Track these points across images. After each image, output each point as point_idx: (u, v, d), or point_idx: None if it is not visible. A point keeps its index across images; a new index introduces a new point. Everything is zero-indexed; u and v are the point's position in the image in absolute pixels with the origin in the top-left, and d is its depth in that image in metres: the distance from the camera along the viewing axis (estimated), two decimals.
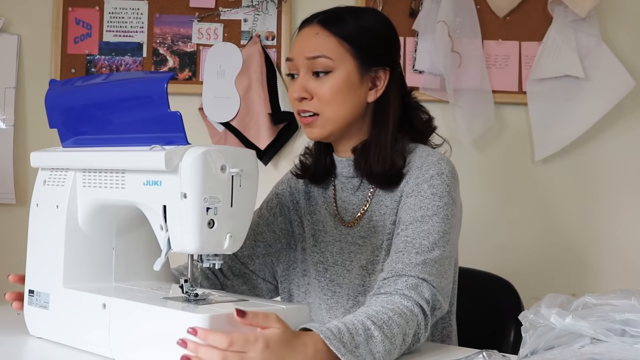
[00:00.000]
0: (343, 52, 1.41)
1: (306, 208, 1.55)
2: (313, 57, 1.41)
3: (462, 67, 2.52)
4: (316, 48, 1.41)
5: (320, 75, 1.41)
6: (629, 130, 2.59)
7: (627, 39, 2.57)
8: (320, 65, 1.40)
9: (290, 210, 1.57)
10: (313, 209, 1.54)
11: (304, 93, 1.42)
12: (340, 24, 1.43)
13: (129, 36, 2.58)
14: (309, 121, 1.43)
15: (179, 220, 1.07)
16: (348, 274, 1.45)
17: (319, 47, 1.41)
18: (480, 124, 2.53)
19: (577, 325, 0.99)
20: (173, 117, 1.09)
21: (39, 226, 1.27)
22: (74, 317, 1.18)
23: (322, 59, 1.40)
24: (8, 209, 2.57)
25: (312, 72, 1.41)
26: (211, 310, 1.04)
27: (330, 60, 1.40)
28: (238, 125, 2.54)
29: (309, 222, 1.54)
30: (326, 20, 1.43)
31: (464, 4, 2.52)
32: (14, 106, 2.56)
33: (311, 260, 1.51)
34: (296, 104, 1.44)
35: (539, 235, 2.60)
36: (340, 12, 1.45)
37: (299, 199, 1.57)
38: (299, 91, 1.42)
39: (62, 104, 1.27)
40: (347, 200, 1.49)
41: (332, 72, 1.41)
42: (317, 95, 1.41)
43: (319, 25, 1.43)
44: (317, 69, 1.41)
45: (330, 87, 1.40)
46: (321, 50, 1.41)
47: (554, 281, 2.56)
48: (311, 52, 1.41)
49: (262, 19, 2.58)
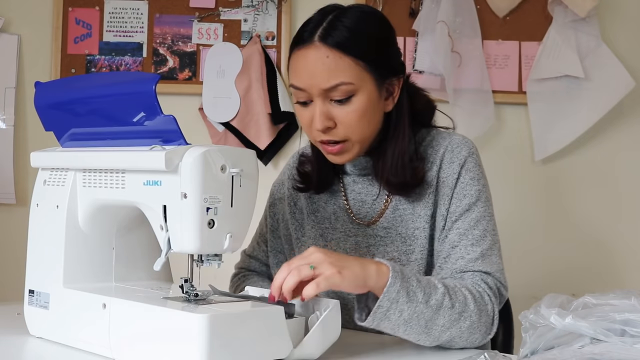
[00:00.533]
0: (360, 72, 1.29)
1: (309, 208, 1.50)
2: (331, 88, 1.28)
3: (462, 67, 2.53)
4: (331, 76, 1.28)
5: (342, 101, 1.29)
6: (629, 130, 2.59)
7: (627, 39, 2.57)
8: (341, 92, 1.28)
9: (289, 215, 1.52)
10: (317, 207, 1.49)
11: (329, 122, 1.30)
12: (347, 39, 1.29)
13: (129, 36, 2.58)
14: (337, 149, 1.33)
15: (179, 220, 1.07)
16: None
17: (335, 74, 1.28)
18: (480, 124, 2.53)
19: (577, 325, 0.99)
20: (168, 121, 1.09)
21: (39, 226, 1.27)
22: (74, 317, 1.18)
23: (342, 86, 1.28)
24: (8, 209, 2.57)
25: (331, 99, 1.30)
26: (211, 310, 1.04)
27: (351, 85, 1.28)
28: (238, 125, 2.54)
29: (314, 222, 1.48)
30: (329, 36, 1.28)
31: (464, 4, 2.52)
32: (14, 106, 2.56)
33: None
34: (318, 134, 1.32)
35: (539, 235, 2.60)
36: (337, 22, 1.30)
37: (297, 200, 1.52)
38: (323, 121, 1.30)
39: (53, 106, 1.27)
40: (362, 192, 1.44)
41: (354, 95, 1.29)
42: (342, 122, 1.31)
43: (325, 46, 1.28)
44: (337, 97, 1.29)
45: (355, 111, 1.30)
46: (338, 77, 1.28)
47: (554, 281, 2.56)
48: (327, 82, 1.28)
49: (262, 19, 2.58)
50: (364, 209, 1.44)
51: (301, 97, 1.32)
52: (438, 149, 1.40)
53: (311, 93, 1.30)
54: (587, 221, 2.60)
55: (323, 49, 1.28)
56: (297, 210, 1.51)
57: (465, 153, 1.39)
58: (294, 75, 1.32)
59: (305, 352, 1.09)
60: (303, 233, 1.50)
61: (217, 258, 1.12)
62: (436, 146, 1.41)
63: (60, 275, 1.20)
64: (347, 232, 1.45)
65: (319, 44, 1.28)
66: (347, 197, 1.47)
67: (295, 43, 1.33)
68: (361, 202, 1.45)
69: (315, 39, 1.29)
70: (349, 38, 1.29)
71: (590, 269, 2.58)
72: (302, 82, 1.30)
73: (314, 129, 1.32)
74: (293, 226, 1.51)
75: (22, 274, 1.28)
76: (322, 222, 1.48)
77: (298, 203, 1.52)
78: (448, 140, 1.41)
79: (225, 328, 1.01)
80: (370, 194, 1.44)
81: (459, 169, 1.37)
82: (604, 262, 2.59)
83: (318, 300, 1.17)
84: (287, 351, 1.07)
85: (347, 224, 1.45)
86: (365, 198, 1.44)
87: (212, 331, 0.99)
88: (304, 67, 1.30)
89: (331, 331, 1.13)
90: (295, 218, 1.51)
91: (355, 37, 1.29)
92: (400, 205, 1.41)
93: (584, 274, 2.58)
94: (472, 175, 1.37)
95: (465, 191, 1.36)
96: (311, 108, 1.32)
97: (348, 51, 1.28)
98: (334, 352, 1.15)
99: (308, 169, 1.48)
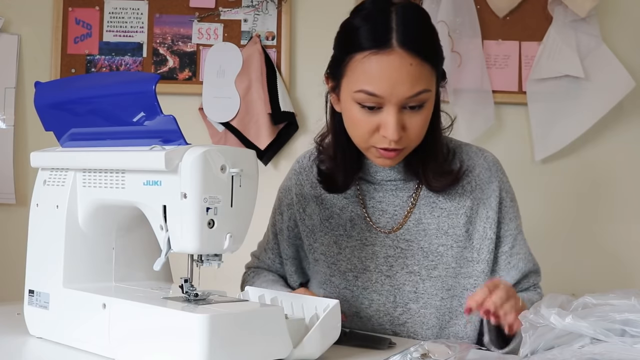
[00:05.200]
0: (433, 77, 1.27)
1: (322, 214, 1.46)
2: (414, 95, 1.24)
3: (462, 67, 2.53)
4: (415, 84, 1.23)
5: (415, 108, 1.26)
6: (629, 130, 2.59)
7: (627, 39, 2.57)
8: (419, 100, 1.25)
9: (299, 221, 1.49)
10: (330, 214, 1.45)
11: (402, 132, 1.26)
12: (424, 42, 1.25)
13: (129, 36, 2.58)
14: (395, 155, 1.30)
15: (179, 220, 1.07)
16: (389, 280, 1.39)
17: (419, 82, 1.23)
18: (480, 124, 2.53)
19: (577, 325, 0.99)
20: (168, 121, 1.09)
21: (39, 226, 1.27)
22: (74, 317, 1.18)
23: (423, 94, 1.24)
24: (8, 209, 2.57)
25: (406, 106, 1.25)
26: (211, 310, 1.04)
27: (429, 92, 1.25)
28: (238, 125, 2.54)
29: (328, 228, 1.45)
30: (409, 42, 1.23)
31: (464, 4, 2.52)
32: (14, 106, 2.56)
33: (337, 270, 1.43)
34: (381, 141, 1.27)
35: (539, 235, 2.60)
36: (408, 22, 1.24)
37: (305, 206, 1.48)
38: (399, 131, 1.25)
39: (53, 106, 1.27)
40: (383, 201, 1.42)
41: (427, 102, 1.27)
42: (412, 129, 1.27)
43: (407, 52, 1.22)
44: (415, 103, 1.25)
45: (425, 118, 1.28)
46: (421, 84, 1.23)
47: (554, 281, 2.56)
48: (411, 90, 1.23)
49: (262, 19, 2.58)
50: (384, 218, 1.42)
51: (372, 103, 1.25)
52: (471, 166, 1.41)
53: (388, 101, 1.24)
54: (587, 221, 2.60)
55: (406, 56, 1.22)
56: (306, 217, 1.48)
57: (501, 175, 1.43)
58: (369, 81, 1.24)
59: (305, 352, 1.09)
60: (315, 239, 1.47)
61: (217, 258, 1.12)
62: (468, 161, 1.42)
63: (60, 275, 1.20)
64: (363, 240, 1.42)
65: (400, 51, 1.22)
66: (365, 204, 1.43)
67: (367, 44, 1.24)
68: (381, 210, 1.42)
69: (394, 44, 1.22)
70: (425, 42, 1.25)
71: (590, 269, 2.58)
72: (380, 90, 1.23)
73: (385, 137, 1.26)
74: (304, 232, 1.48)
75: (22, 274, 1.28)
76: (337, 229, 1.44)
77: (307, 209, 1.48)
78: (482, 158, 1.43)
79: (225, 328, 1.01)
80: (392, 204, 1.41)
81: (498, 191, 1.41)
82: (604, 262, 2.59)
83: (318, 300, 1.17)
84: (287, 351, 1.07)
85: (365, 232, 1.42)
86: (387, 207, 1.42)
87: (212, 331, 0.99)
88: (385, 74, 1.23)
89: (331, 331, 1.13)
90: (306, 224, 1.48)
91: (429, 41, 1.26)
92: (424, 219, 1.39)
93: (584, 274, 2.58)
94: (512, 196, 1.44)
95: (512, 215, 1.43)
96: (381, 115, 1.26)
97: (427, 58, 1.24)
98: (334, 352, 1.15)
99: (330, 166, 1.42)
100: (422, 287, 1.37)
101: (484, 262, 1.38)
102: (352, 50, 1.26)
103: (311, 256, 1.48)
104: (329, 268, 1.44)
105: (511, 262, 1.41)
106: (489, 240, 1.38)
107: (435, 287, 1.37)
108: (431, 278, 1.37)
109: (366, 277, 1.40)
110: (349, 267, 1.42)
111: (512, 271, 1.41)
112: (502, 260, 1.41)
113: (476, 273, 1.38)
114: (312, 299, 1.19)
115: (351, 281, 1.41)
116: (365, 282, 1.40)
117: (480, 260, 1.38)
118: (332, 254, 1.44)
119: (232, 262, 1.59)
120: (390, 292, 1.39)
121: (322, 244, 1.45)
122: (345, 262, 1.42)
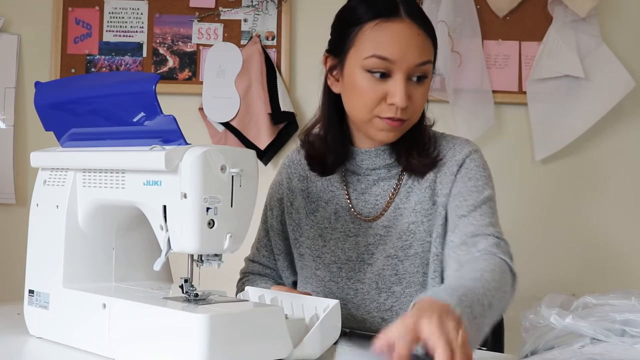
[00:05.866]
0: (433, 53, 1.35)
1: (307, 208, 1.49)
2: (421, 64, 1.31)
3: (462, 67, 2.53)
4: (423, 53, 1.31)
5: (419, 80, 1.32)
6: (629, 131, 2.59)
7: (627, 39, 2.57)
8: (423, 71, 1.32)
9: (286, 215, 1.52)
10: (316, 207, 1.48)
11: (409, 101, 1.32)
12: (426, 19, 1.34)
13: (129, 36, 2.58)
14: (399, 125, 1.34)
15: (179, 220, 1.07)
16: (370, 267, 1.41)
17: (425, 51, 1.32)
18: (480, 124, 2.53)
19: (577, 325, 0.99)
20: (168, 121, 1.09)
21: (39, 226, 1.27)
22: (74, 317, 1.18)
23: (427, 64, 1.32)
24: (8, 209, 2.57)
25: (412, 76, 1.32)
26: (211, 310, 1.04)
27: (431, 64, 1.34)
28: (238, 125, 2.54)
29: (313, 222, 1.48)
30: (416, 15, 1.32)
31: (464, 4, 2.52)
32: (14, 106, 2.56)
33: (322, 262, 1.45)
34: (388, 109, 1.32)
35: (539, 235, 2.60)
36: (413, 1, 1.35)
37: (293, 200, 1.51)
38: (406, 99, 1.30)
39: (53, 106, 1.27)
40: (366, 192, 1.44)
41: (427, 76, 1.34)
42: (415, 101, 1.33)
43: (414, 23, 1.31)
44: (419, 73, 1.32)
45: (426, 91, 1.35)
46: (427, 55, 1.32)
47: (554, 281, 2.56)
48: (419, 57, 1.31)
49: (262, 19, 2.58)
50: (367, 207, 1.44)
51: (382, 68, 1.30)
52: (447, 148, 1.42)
53: (399, 67, 1.30)
54: (587, 221, 2.60)
55: (414, 26, 1.31)
56: (293, 211, 1.51)
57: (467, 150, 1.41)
58: (381, 46, 1.30)
59: (305, 352, 1.09)
60: (301, 233, 1.49)
61: (217, 258, 1.12)
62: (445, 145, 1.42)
63: (60, 275, 1.20)
64: (346, 232, 1.44)
65: (408, 20, 1.31)
66: (349, 195, 1.46)
67: (376, 14, 1.32)
68: (364, 201, 1.44)
69: (402, 14, 1.31)
70: (427, 18, 1.34)
71: (590, 269, 2.58)
72: (393, 54, 1.29)
73: (392, 105, 1.31)
74: (290, 227, 1.51)
75: (22, 274, 1.28)
76: (322, 222, 1.47)
77: (294, 203, 1.51)
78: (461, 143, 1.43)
79: (225, 328, 1.01)
80: (374, 194, 1.44)
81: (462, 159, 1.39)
82: (604, 262, 2.59)
83: (318, 300, 1.17)
84: (287, 351, 1.07)
85: (348, 223, 1.44)
86: (369, 198, 1.44)
87: (212, 331, 0.99)
88: (397, 40, 1.30)
89: (331, 331, 1.13)
90: (292, 218, 1.51)
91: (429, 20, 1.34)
92: (401, 204, 1.41)
93: (584, 274, 2.58)
94: (477, 163, 1.39)
95: (471, 174, 1.37)
96: (389, 83, 1.31)
97: (429, 32, 1.33)
98: (334, 352, 1.15)
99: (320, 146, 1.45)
100: (402, 268, 1.39)
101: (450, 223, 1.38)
102: (361, 21, 1.33)
103: (297, 251, 1.50)
104: (314, 261, 1.46)
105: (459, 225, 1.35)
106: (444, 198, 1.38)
107: (414, 264, 1.38)
108: (408, 257, 1.39)
109: (349, 267, 1.42)
110: (333, 259, 1.44)
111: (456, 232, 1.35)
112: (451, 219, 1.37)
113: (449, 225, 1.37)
114: (312, 299, 1.19)
115: (335, 273, 1.43)
116: (349, 272, 1.42)
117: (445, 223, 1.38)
118: (317, 247, 1.46)
119: (232, 262, 1.59)
120: (372, 279, 1.40)
121: (307, 237, 1.48)
122: (330, 255, 1.44)
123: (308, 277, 1.48)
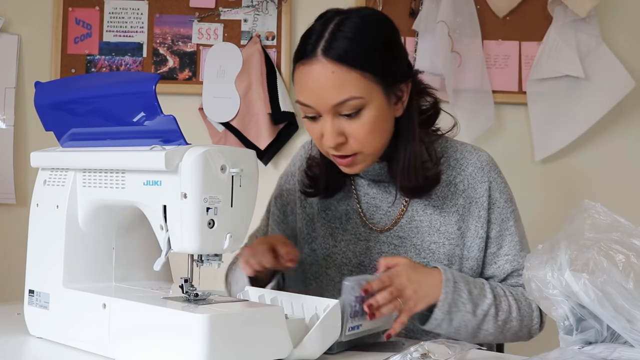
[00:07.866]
0: (368, 84, 1.25)
1: (320, 204, 1.46)
2: (339, 103, 1.24)
3: (462, 67, 2.53)
4: (339, 92, 1.24)
5: (352, 115, 1.26)
6: (629, 131, 2.59)
7: (627, 39, 2.57)
8: (350, 107, 1.25)
9: (299, 208, 1.49)
10: (328, 205, 1.46)
11: (340, 138, 1.27)
12: (351, 51, 1.24)
13: (129, 36, 2.58)
14: (349, 162, 1.30)
15: (179, 220, 1.07)
16: None
17: (342, 89, 1.23)
18: (480, 124, 2.53)
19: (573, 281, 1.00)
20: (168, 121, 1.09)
21: (39, 226, 1.27)
22: (74, 317, 1.18)
23: (351, 101, 1.24)
24: (8, 209, 2.57)
25: (340, 113, 1.26)
26: (211, 310, 1.04)
27: (360, 98, 1.24)
28: (238, 125, 2.54)
29: (324, 219, 1.46)
30: (332, 49, 1.24)
31: (464, 4, 2.52)
32: (14, 106, 2.56)
33: (333, 263, 1.44)
34: (329, 149, 1.30)
35: (539, 235, 2.60)
36: (338, 32, 1.25)
37: None
38: (334, 138, 1.26)
39: (53, 106, 1.27)
40: (377, 197, 1.43)
41: (364, 108, 1.26)
42: (353, 136, 1.27)
43: (329, 60, 1.23)
44: (347, 111, 1.25)
45: (366, 124, 1.26)
46: (346, 92, 1.24)
47: None
48: (336, 97, 1.24)
49: (262, 19, 2.58)
50: (378, 214, 1.43)
51: (309, 112, 1.28)
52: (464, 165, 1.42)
53: (319, 110, 1.26)
54: None
55: (328, 64, 1.23)
56: (307, 205, 1.49)
57: (494, 174, 1.43)
58: (300, 92, 1.28)
59: (305, 352, 1.09)
60: (314, 229, 1.48)
61: (217, 258, 1.12)
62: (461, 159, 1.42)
63: (60, 275, 1.20)
64: (357, 235, 1.43)
65: (322, 59, 1.24)
66: (359, 200, 1.45)
67: (298, 57, 1.28)
68: (375, 207, 1.43)
69: (318, 54, 1.24)
70: (352, 50, 1.24)
71: None
72: (309, 99, 1.26)
73: (319, 140, 1.30)
74: (304, 220, 1.49)
75: (22, 274, 1.28)
76: (333, 221, 1.45)
77: (310, 198, 1.49)
78: (476, 157, 1.43)
79: (225, 328, 1.01)
80: (386, 201, 1.43)
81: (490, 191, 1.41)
82: None
83: (318, 300, 1.17)
84: (287, 351, 1.07)
85: (359, 227, 1.43)
86: (380, 204, 1.43)
87: (212, 331, 0.99)
88: (310, 84, 1.26)
89: (331, 331, 1.13)
90: (306, 212, 1.49)
91: (359, 48, 1.25)
92: (417, 216, 1.41)
93: None
94: (507, 197, 1.44)
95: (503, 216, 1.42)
96: (321, 123, 1.28)
97: (353, 64, 1.23)
98: (334, 352, 1.15)
99: (316, 172, 1.44)
100: None
101: (473, 259, 1.40)
102: (294, 63, 1.31)
103: (308, 246, 1.48)
104: (325, 260, 1.45)
105: (497, 263, 1.42)
106: (479, 239, 1.40)
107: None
108: None
109: (361, 272, 1.41)
110: (344, 260, 1.43)
111: (495, 271, 1.42)
112: (488, 260, 1.42)
113: (466, 270, 1.40)
114: (312, 299, 1.19)
115: (346, 275, 1.41)
116: None
117: (470, 257, 1.40)
118: (328, 246, 1.45)
119: None
120: None
121: (319, 234, 1.47)
122: (341, 256, 1.43)
123: (318, 274, 1.46)
